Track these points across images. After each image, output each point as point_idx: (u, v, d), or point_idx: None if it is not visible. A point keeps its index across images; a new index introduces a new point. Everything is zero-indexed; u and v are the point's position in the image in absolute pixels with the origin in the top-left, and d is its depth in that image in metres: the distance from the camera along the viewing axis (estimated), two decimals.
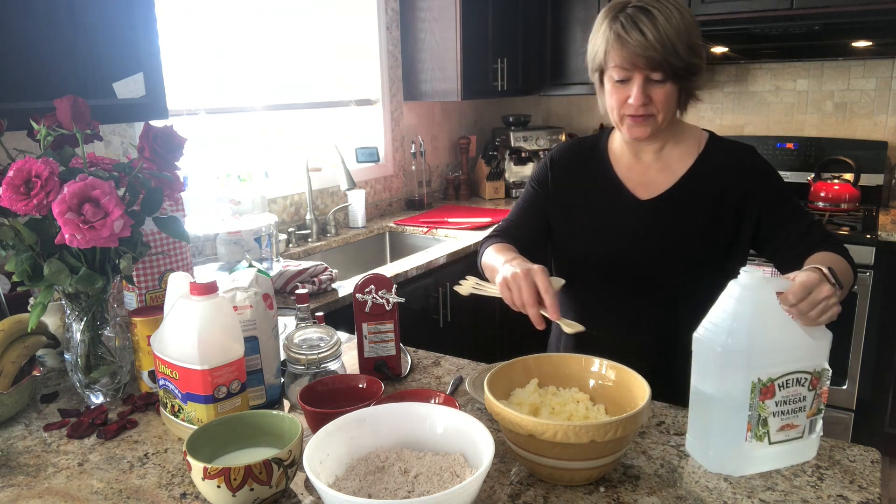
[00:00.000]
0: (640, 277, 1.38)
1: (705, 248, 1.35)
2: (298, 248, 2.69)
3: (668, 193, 1.37)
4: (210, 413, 1.05)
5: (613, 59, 1.25)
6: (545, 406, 1.03)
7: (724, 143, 1.40)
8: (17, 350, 1.29)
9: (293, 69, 2.88)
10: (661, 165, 1.39)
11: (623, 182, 1.40)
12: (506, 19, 3.44)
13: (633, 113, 1.28)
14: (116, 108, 1.68)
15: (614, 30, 1.24)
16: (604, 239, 1.41)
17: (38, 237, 1.13)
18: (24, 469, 1.05)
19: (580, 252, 1.44)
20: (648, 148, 1.39)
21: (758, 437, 0.97)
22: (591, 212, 1.43)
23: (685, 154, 1.38)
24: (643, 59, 1.22)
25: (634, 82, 1.25)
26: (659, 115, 1.28)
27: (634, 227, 1.38)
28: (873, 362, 2.82)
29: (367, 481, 0.89)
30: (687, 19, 1.23)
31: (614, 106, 1.30)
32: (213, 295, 1.07)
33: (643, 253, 1.37)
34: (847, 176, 3.15)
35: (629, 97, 1.26)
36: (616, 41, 1.24)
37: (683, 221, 1.35)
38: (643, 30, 1.21)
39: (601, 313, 1.43)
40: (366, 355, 1.35)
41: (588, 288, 1.44)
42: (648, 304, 1.39)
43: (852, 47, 2.96)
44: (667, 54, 1.21)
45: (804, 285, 0.97)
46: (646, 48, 1.21)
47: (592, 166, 1.45)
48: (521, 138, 3.68)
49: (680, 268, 1.36)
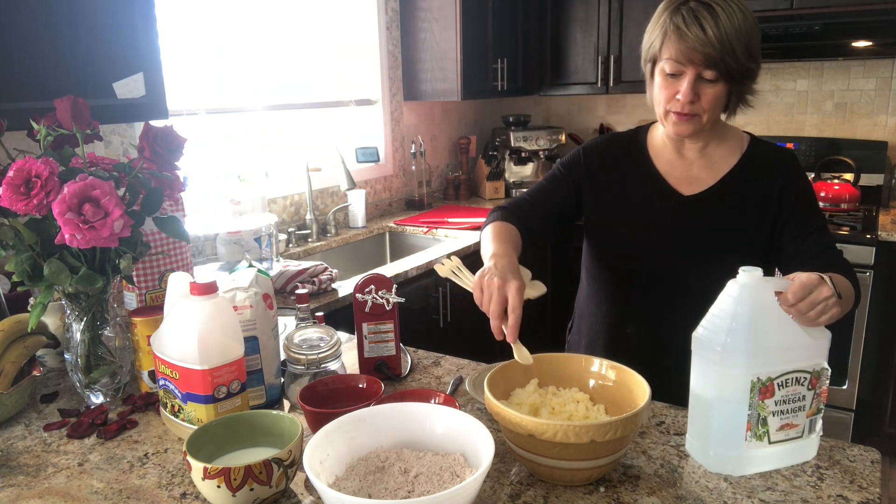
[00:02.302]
0: (675, 273, 1.36)
1: (746, 248, 1.33)
2: (298, 248, 2.69)
3: (712, 190, 1.35)
4: (210, 413, 1.05)
5: (668, 51, 1.24)
6: (545, 406, 1.03)
7: (766, 145, 1.39)
8: (17, 350, 1.29)
9: (293, 69, 2.88)
10: (705, 163, 1.37)
11: (664, 177, 1.39)
12: (506, 19, 3.44)
13: (678, 110, 1.26)
14: (116, 108, 1.68)
15: (674, 22, 1.22)
16: (641, 232, 1.40)
17: (38, 237, 1.13)
18: (24, 469, 1.05)
19: (614, 244, 1.43)
20: (692, 145, 1.37)
21: (757, 436, 0.97)
22: (627, 205, 1.41)
23: (728, 153, 1.37)
24: (700, 55, 1.20)
25: (685, 78, 1.23)
26: (704, 115, 1.26)
27: (675, 221, 1.37)
28: (873, 362, 2.82)
29: (367, 481, 0.89)
30: (749, 21, 1.21)
31: (662, 100, 1.28)
32: (213, 295, 1.07)
33: (681, 248, 1.36)
34: (847, 176, 3.15)
35: (678, 92, 1.25)
36: (674, 33, 1.22)
37: (727, 219, 1.34)
38: (704, 25, 1.19)
39: (629, 306, 1.42)
40: (366, 355, 1.35)
41: (617, 280, 1.44)
42: (678, 301, 1.36)
43: (852, 47, 2.96)
44: (724, 53, 1.19)
45: (804, 285, 0.97)
46: (704, 44, 1.19)
47: (630, 159, 1.43)
48: (521, 138, 3.68)
49: (717, 266, 1.29)
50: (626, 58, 3.41)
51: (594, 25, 3.47)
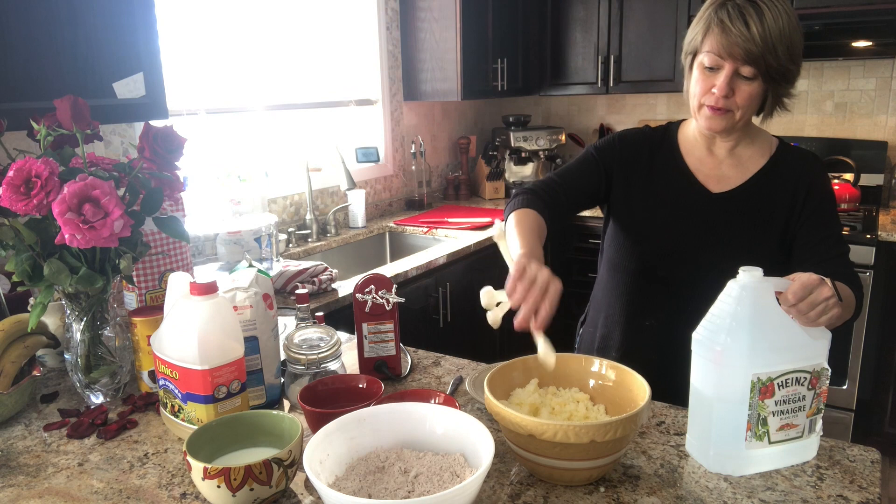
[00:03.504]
0: (697, 269, 1.36)
1: (769, 248, 1.34)
2: (298, 248, 2.69)
3: (741, 188, 1.36)
4: (210, 413, 1.05)
5: (709, 43, 1.25)
6: (545, 406, 1.03)
7: (794, 149, 1.40)
8: (17, 350, 1.29)
9: (293, 69, 2.88)
10: (734, 161, 1.38)
11: (693, 173, 1.40)
12: (506, 19, 3.44)
13: (713, 103, 1.26)
14: (116, 108, 1.68)
15: (719, 16, 1.23)
16: (667, 226, 1.40)
17: (38, 237, 1.13)
18: (24, 469, 1.05)
19: (639, 236, 1.43)
20: (722, 143, 1.38)
21: (758, 436, 0.97)
22: (655, 198, 1.42)
23: (758, 154, 1.38)
24: (741, 51, 1.20)
25: (723, 72, 1.24)
26: (738, 111, 1.27)
27: (704, 218, 1.37)
28: (873, 362, 2.82)
29: (367, 481, 0.89)
30: (793, 24, 1.22)
31: (697, 93, 1.29)
32: (213, 295, 1.07)
33: (707, 244, 1.37)
34: (847, 176, 3.15)
35: (714, 86, 1.25)
36: (717, 26, 1.23)
37: (752, 218, 1.35)
38: (748, 21, 1.20)
39: (650, 299, 1.42)
40: (366, 355, 1.35)
41: (639, 273, 1.44)
42: (698, 297, 1.30)
43: (852, 47, 2.96)
44: (766, 52, 1.20)
45: (804, 286, 0.97)
46: (746, 40, 1.20)
47: (661, 154, 1.44)
48: (520, 138, 3.68)
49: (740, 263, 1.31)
50: (626, 58, 3.41)
51: (594, 25, 3.47)
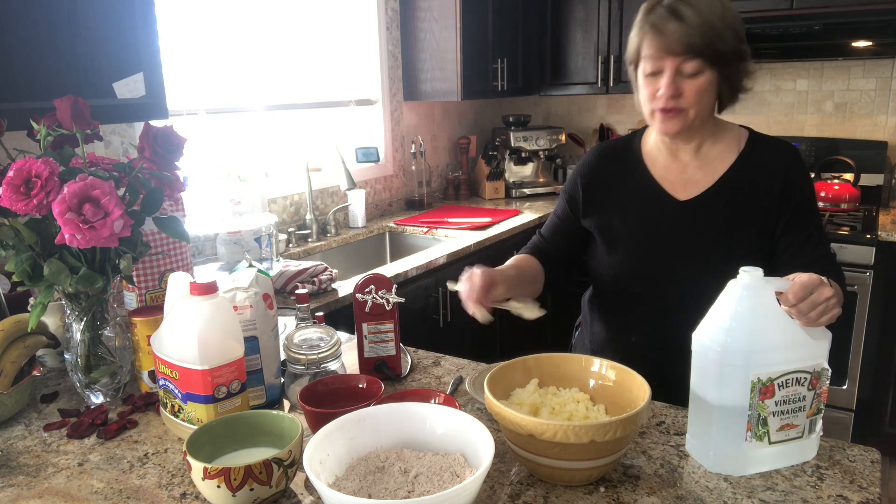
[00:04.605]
0: (677, 280, 1.33)
1: (746, 250, 1.30)
2: (298, 248, 2.69)
3: (708, 193, 1.32)
4: (210, 413, 1.05)
5: (647, 49, 1.23)
6: (545, 406, 1.03)
7: (766, 140, 1.35)
8: (17, 350, 1.29)
9: (293, 69, 2.88)
10: (700, 164, 1.34)
11: (660, 183, 1.36)
12: (506, 19, 3.44)
13: (662, 105, 1.24)
14: (116, 108, 1.68)
15: (650, 20, 1.22)
16: (639, 241, 1.37)
17: (38, 237, 1.13)
18: (24, 469, 1.05)
19: (612, 256, 1.40)
20: (685, 146, 1.35)
21: (758, 436, 0.97)
22: (627, 215, 1.38)
23: (725, 152, 1.34)
24: (681, 47, 1.19)
25: (665, 73, 1.22)
26: (690, 109, 1.24)
27: (673, 228, 1.34)
28: (873, 362, 2.82)
29: (367, 481, 0.89)
30: (728, 4, 1.22)
31: (645, 99, 1.27)
32: (213, 295, 1.07)
33: (681, 254, 1.33)
34: (847, 176, 3.15)
35: (659, 89, 1.23)
36: (651, 31, 1.22)
37: (726, 221, 1.31)
38: (683, 16, 1.19)
39: (633, 316, 1.40)
40: (366, 355, 1.35)
41: (619, 291, 1.41)
42: (683, 307, 1.29)
43: (852, 47, 2.96)
44: (714, 39, 1.19)
45: (805, 286, 0.97)
46: (684, 35, 1.19)
47: (626, 168, 1.41)
48: (520, 138, 3.67)
49: (720, 269, 1.25)
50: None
51: (594, 25, 3.47)
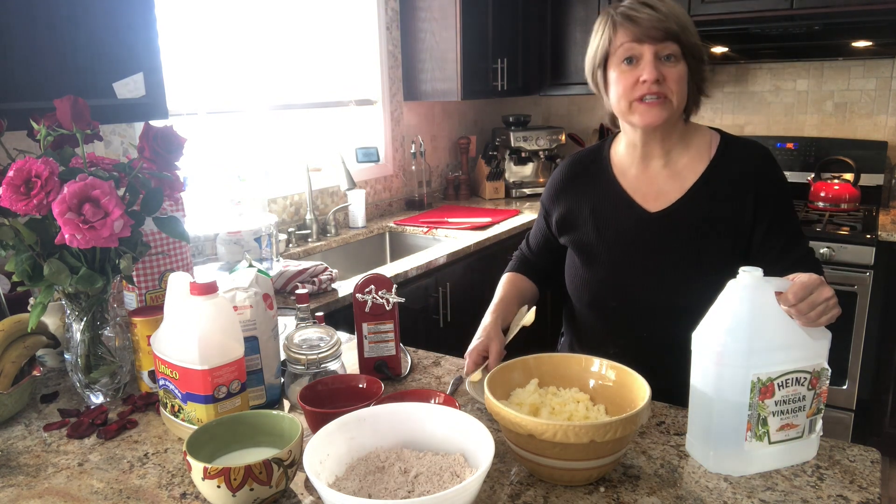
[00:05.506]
0: (650, 293, 1.31)
1: (721, 259, 1.26)
2: (298, 248, 2.69)
3: (678, 204, 1.29)
4: (210, 413, 1.05)
5: (621, 38, 1.22)
6: (545, 406, 1.03)
7: (738, 143, 1.32)
8: (17, 350, 1.29)
9: (293, 69, 2.88)
10: (670, 173, 1.31)
11: (630, 195, 1.33)
12: (506, 19, 3.44)
13: (645, 91, 1.20)
14: (116, 108, 1.68)
15: (622, 12, 1.23)
16: (610, 257, 1.34)
17: (38, 237, 1.13)
18: (24, 469, 1.05)
19: (585, 269, 1.38)
20: (654, 153, 1.32)
21: (758, 436, 0.97)
22: (594, 228, 1.36)
23: (695, 159, 1.30)
24: (659, 31, 1.19)
25: (645, 58, 1.20)
26: (673, 97, 1.22)
27: (645, 241, 1.31)
28: (873, 362, 2.82)
29: (367, 481, 0.89)
30: (680, 5, 1.27)
31: (623, 92, 1.23)
32: (213, 295, 1.07)
33: (652, 267, 1.30)
34: (847, 176, 3.15)
35: (640, 77, 1.21)
36: (625, 20, 1.21)
37: (697, 232, 1.27)
38: (653, 5, 1.21)
39: (613, 329, 1.38)
40: (366, 355, 1.35)
41: (592, 304, 1.39)
42: (658, 320, 1.30)
43: (852, 47, 2.96)
44: (682, 29, 1.20)
45: (804, 286, 0.96)
46: (661, 20, 1.19)
47: (596, 181, 1.38)
48: (521, 138, 3.68)
49: (694, 280, 1.26)
50: None
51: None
